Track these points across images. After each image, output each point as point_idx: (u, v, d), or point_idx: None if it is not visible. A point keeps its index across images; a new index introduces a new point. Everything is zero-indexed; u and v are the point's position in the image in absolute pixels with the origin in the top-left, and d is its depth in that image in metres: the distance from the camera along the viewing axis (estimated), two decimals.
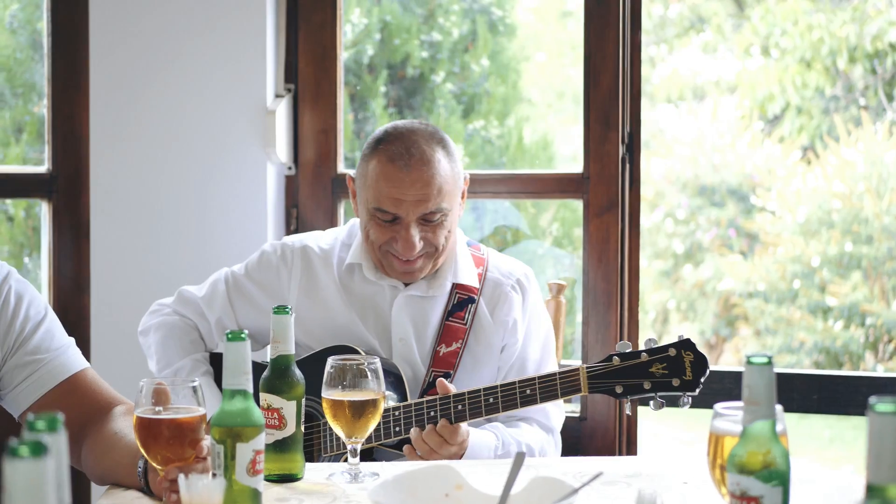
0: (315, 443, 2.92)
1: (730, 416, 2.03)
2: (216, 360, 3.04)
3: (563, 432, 3.13)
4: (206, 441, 2.13)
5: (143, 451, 2.17)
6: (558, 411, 3.09)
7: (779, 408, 1.99)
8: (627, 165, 3.67)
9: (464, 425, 2.76)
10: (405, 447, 2.79)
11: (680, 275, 10.57)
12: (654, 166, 10.82)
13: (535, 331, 3.10)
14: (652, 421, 8.57)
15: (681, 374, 2.67)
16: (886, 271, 9.42)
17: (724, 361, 10.46)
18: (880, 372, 9.16)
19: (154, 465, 2.18)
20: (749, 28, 10.58)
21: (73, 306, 3.82)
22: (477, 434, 2.85)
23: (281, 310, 2.44)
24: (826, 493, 2.40)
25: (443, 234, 2.94)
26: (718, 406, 2.04)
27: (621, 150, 3.66)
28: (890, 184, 9.53)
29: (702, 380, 2.68)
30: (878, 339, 9.37)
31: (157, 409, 2.16)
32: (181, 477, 1.93)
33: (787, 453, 1.82)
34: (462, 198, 3.02)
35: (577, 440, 3.62)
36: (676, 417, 8.54)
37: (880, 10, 9.91)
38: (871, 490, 1.48)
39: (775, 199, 10.10)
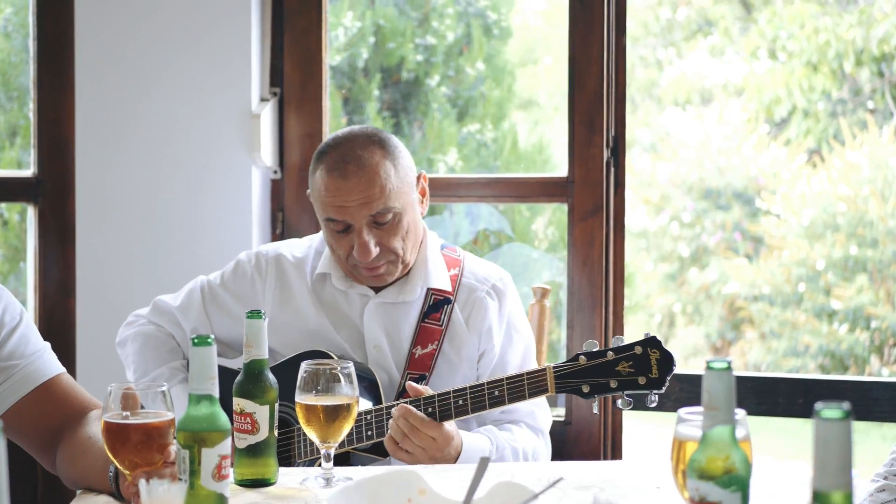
0: (292, 448, 2.92)
1: (693, 421, 2.02)
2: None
3: None
4: (175, 446, 2.13)
5: (110, 455, 2.17)
6: (545, 413, 3.08)
7: (741, 413, 1.99)
8: (612, 169, 3.66)
9: (447, 425, 2.74)
10: (387, 440, 2.77)
11: (685, 278, 10.56)
12: (660, 170, 10.81)
13: (514, 337, 3.09)
14: (655, 424, 8.55)
15: (647, 372, 2.65)
16: (892, 274, 9.40)
17: None
18: (866, 376, 9.13)
19: (122, 469, 2.18)
20: (756, 31, 10.57)
21: (58, 311, 3.82)
22: (471, 437, 2.85)
23: (254, 314, 2.44)
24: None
25: (399, 237, 2.93)
26: (682, 411, 2.03)
27: (606, 153, 3.66)
28: (895, 187, 9.51)
29: (668, 377, 2.67)
30: (883, 343, 9.35)
31: (124, 413, 2.16)
32: (142, 482, 1.92)
33: (746, 458, 1.81)
34: (422, 195, 3.03)
35: (561, 444, 3.61)
36: None
37: (887, 13, 9.89)
38: (817, 496, 1.48)
39: (780, 202, 10.09)
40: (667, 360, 2.66)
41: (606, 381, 2.67)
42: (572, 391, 2.70)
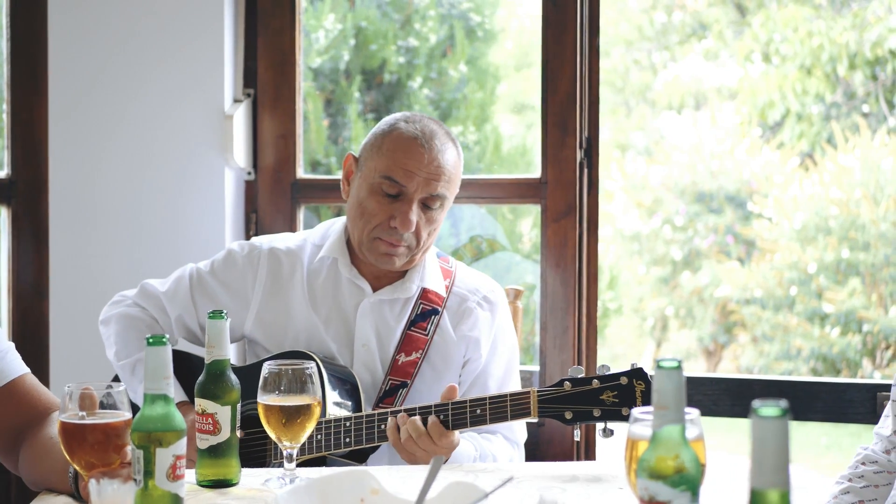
0: (267, 448, 2.91)
1: (646, 420, 2.00)
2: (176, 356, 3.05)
3: None
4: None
5: (67, 456, 2.16)
6: (521, 427, 3.07)
7: (695, 412, 1.98)
8: (586, 170, 3.66)
9: (456, 433, 2.74)
10: (388, 426, 2.75)
11: (678, 281, 10.56)
12: (653, 173, 10.81)
13: (500, 349, 3.08)
14: None
15: (631, 403, 2.62)
16: (883, 278, 9.39)
17: (722, 369, 10.45)
18: (844, 378, 9.13)
19: (79, 470, 2.17)
20: (750, 35, 10.57)
21: (32, 312, 3.82)
22: (461, 444, 2.84)
23: (216, 315, 2.43)
24: (819, 500, 2.39)
25: (429, 229, 2.95)
26: (636, 411, 2.02)
27: (579, 154, 3.66)
28: (887, 190, 9.51)
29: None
30: (875, 346, 9.34)
31: (81, 413, 2.15)
32: (92, 482, 1.92)
33: (697, 458, 1.79)
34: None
35: (535, 446, 3.60)
36: None
37: (880, 16, 9.89)
38: (754, 495, 1.47)
39: (773, 205, 10.09)
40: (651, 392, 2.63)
41: (590, 409, 2.65)
42: (555, 417, 2.68)
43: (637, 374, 2.64)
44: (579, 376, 2.67)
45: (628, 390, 2.63)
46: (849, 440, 8.97)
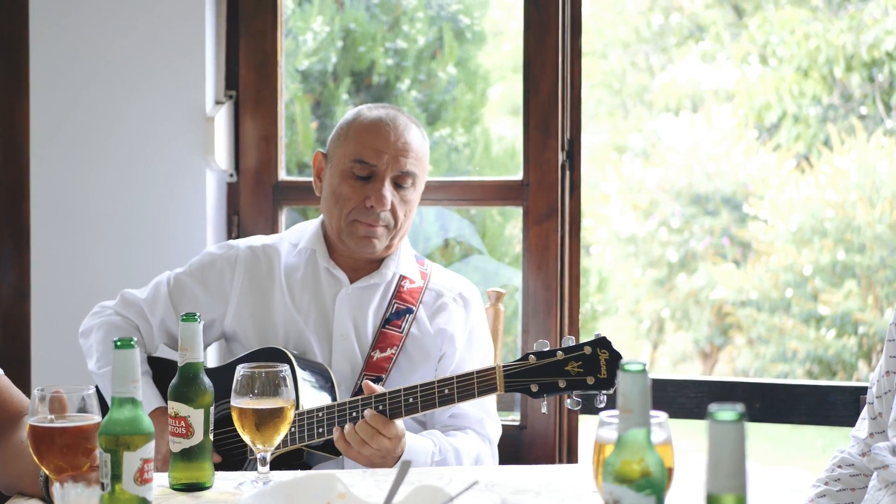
0: (246, 448, 2.90)
1: (614, 423, 2.00)
2: (158, 364, 3.04)
3: (502, 441, 3.11)
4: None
5: (36, 459, 2.15)
6: (494, 423, 3.08)
7: (663, 416, 1.97)
8: (567, 172, 3.65)
9: (399, 422, 2.75)
10: (336, 439, 2.75)
11: (674, 283, 10.54)
12: (649, 175, 10.80)
13: (475, 345, 3.10)
14: None
15: (596, 372, 2.64)
16: (879, 280, 9.38)
17: (718, 371, 10.44)
18: (827, 381, 9.11)
19: (48, 473, 2.16)
20: (747, 37, 10.55)
21: (14, 314, 3.81)
22: (415, 438, 2.85)
23: (189, 317, 2.42)
24: None
25: (404, 209, 3.00)
26: (603, 414, 2.01)
27: (561, 156, 3.65)
28: (883, 192, 9.50)
29: (617, 378, 2.64)
30: (871, 348, 9.32)
31: (50, 417, 2.14)
32: (56, 486, 1.91)
33: (662, 462, 1.78)
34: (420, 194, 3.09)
35: (517, 448, 3.59)
36: (676, 427, 8.49)
37: (876, 18, 9.87)
38: (710, 499, 1.46)
39: (768, 207, 10.08)
40: (616, 360, 2.64)
41: (555, 380, 2.66)
42: (521, 390, 2.69)
43: (601, 343, 2.66)
44: (544, 349, 2.67)
45: (592, 360, 2.65)
46: (844, 442, 8.93)
